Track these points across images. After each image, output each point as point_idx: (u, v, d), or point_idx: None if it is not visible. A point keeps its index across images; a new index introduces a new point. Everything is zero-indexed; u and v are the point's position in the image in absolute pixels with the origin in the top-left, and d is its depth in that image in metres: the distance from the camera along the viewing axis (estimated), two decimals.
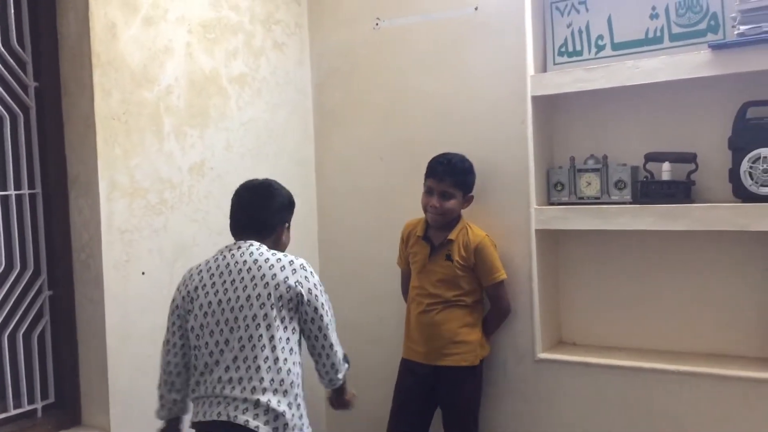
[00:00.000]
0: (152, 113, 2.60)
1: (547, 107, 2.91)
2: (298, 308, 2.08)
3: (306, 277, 2.10)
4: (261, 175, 3.01)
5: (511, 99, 2.83)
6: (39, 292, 2.48)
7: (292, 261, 2.10)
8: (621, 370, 2.68)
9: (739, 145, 2.47)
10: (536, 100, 2.81)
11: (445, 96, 3.01)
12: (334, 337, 2.15)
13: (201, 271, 2.15)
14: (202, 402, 2.07)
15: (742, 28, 2.38)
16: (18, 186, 2.42)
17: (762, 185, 2.41)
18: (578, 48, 2.85)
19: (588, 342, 2.94)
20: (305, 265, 2.13)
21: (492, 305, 2.87)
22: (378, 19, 3.17)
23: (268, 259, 2.09)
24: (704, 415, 2.55)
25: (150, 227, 2.58)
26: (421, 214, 2.91)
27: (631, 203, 2.68)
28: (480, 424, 2.86)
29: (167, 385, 2.19)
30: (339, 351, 2.18)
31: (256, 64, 3.06)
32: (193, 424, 2.11)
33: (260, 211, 2.20)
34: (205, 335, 2.08)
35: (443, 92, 3.01)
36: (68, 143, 2.51)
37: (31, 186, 2.46)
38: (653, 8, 2.70)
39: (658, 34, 2.70)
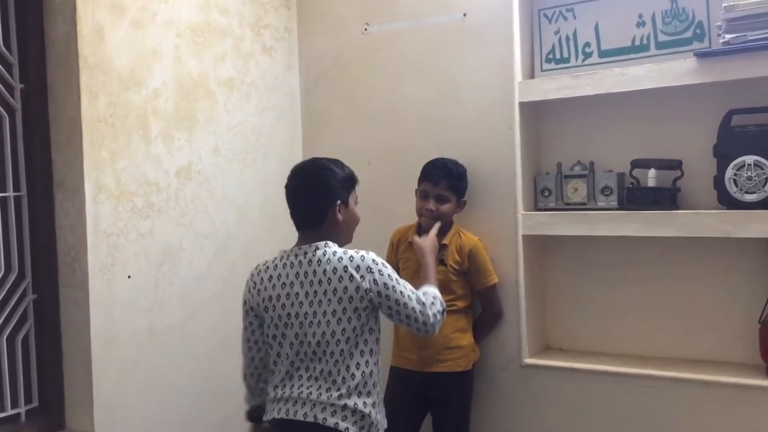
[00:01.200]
0: (139, 116, 2.59)
1: (535, 113, 2.93)
2: (378, 307, 2.07)
3: (375, 280, 2.03)
4: (248, 178, 3.05)
5: (499, 105, 2.85)
6: (23, 295, 2.46)
7: (358, 266, 2.03)
8: (607, 376, 2.69)
9: (723, 153, 2.49)
10: (524, 106, 2.83)
11: (433, 101, 3.02)
12: (413, 308, 2.05)
13: (272, 278, 2.12)
14: (284, 401, 2.08)
15: (728, 36, 2.41)
16: (3, 188, 2.41)
17: (746, 192, 2.43)
18: (565, 55, 2.87)
19: (574, 347, 2.95)
20: (371, 264, 2.04)
21: (484, 309, 2.88)
22: (367, 24, 3.18)
23: (335, 268, 2.03)
24: (689, 421, 2.56)
25: (136, 231, 2.57)
26: (409, 221, 2.91)
27: (617, 209, 2.69)
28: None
29: (254, 377, 2.24)
30: (420, 307, 2.05)
31: (245, 68, 3.06)
32: (274, 420, 2.09)
33: (304, 198, 2.13)
34: (285, 346, 2.10)
35: (431, 98, 3.02)
36: (54, 145, 2.49)
37: (17, 188, 2.44)
38: (640, 16, 2.73)
39: (645, 41, 2.72)
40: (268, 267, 2.15)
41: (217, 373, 2.84)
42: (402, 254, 2.91)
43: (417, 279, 2.79)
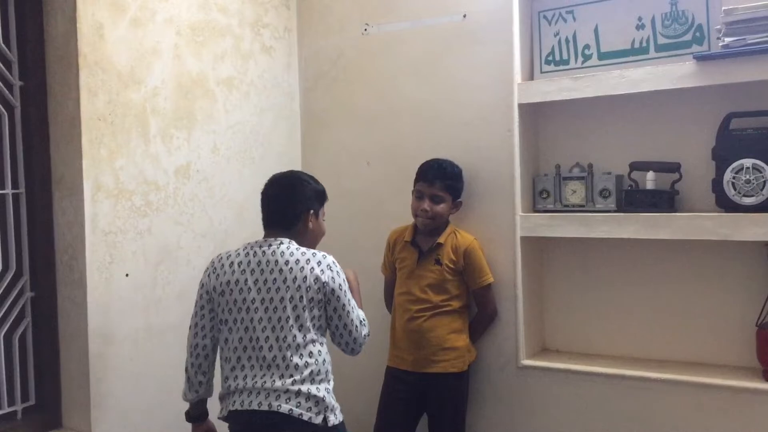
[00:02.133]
0: (138, 114, 2.59)
1: (534, 115, 2.93)
2: (326, 305, 2.16)
3: (333, 277, 2.15)
4: (247, 178, 3.05)
5: (498, 106, 2.85)
6: (21, 293, 2.46)
7: (320, 261, 2.15)
8: (603, 378, 2.69)
9: (722, 156, 2.49)
10: (523, 107, 2.83)
11: (432, 102, 3.02)
12: (352, 320, 2.18)
13: (232, 264, 2.17)
14: (238, 393, 2.10)
15: (727, 40, 2.41)
16: (2, 186, 2.40)
17: (745, 195, 2.43)
18: (565, 57, 2.87)
19: (571, 349, 2.95)
20: (332, 264, 2.18)
21: (479, 309, 2.88)
22: (367, 24, 3.18)
23: (298, 260, 2.13)
24: (686, 423, 2.56)
25: (134, 229, 2.57)
26: (406, 221, 2.91)
27: (615, 212, 2.69)
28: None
29: (194, 368, 2.22)
30: (357, 329, 2.19)
31: (244, 68, 3.06)
32: (229, 414, 2.11)
33: (282, 201, 2.24)
34: (238, 330, 2.13)
35: (431, 98, 3.02)
36: (53, 143, 2.49)
37: (15, 186, 2.44)
38: (639, 19, 2.73)
39: (644, 44, 2.73)
40: (230, 255, 2.21)
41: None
42: (398, 254, 2.91)
43: (411, 279, 2.84)
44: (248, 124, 3.08)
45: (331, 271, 2.16)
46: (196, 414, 2.30)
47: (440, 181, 2.78)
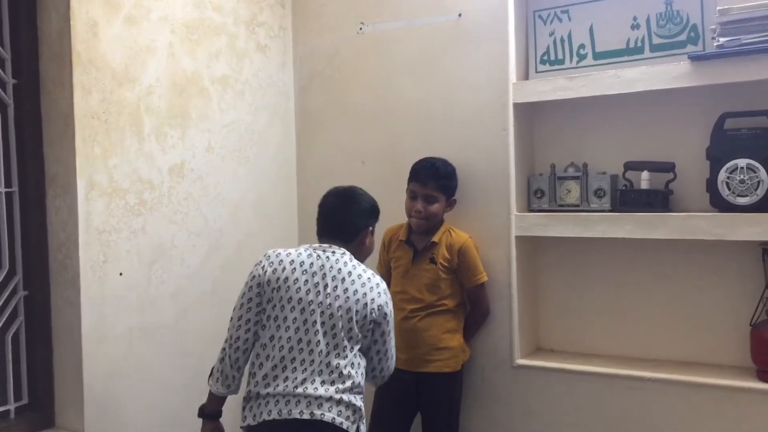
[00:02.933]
0: (132, 113, 2.58)
1: (529, 115, 2.93)
2: (374, 327, 2.20)
3: (387, 302, 2.22)
4: (241, 176, 3.05)
5: (493, 106, 2.85)
6: (14, 292, 2.45)
7: (378, 283, 2.21)
8: (598, 377, 2.70)
9: (716, 156, 2.50)
10: (518, 107, 2.83)
11: (427, 101, 3.02)
12: (392, 347, 2.27)
13: (293, 261, 2.16)
14: (276, 400, 2.05)
15: (722, 40, 2.41)
16: None
17: (739, 195, 2.44)
18: (560, 57, 2.87)
19: (566, 349, 2.95)
20: (387, 290, 2.24)
21: (472, 307, 2.89)
22: (362, 23, 3.17)
23: (360, 275, 2.18)
24: (679, 423, 2.57)
25: (128, 228, 2.56)
26: (402, 221, 2.91)
27: (610, 211, 2.70)
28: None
29: (231, 360, 2.17)
30: (392, 351, 2.28)
31: (239, 66, 3.05)
32: (264, 423, 2.05)
33: (345, 214, 2.29)
34: (288, 329, 2.10)
35: (426, 98, 3.02)
36: (47, 141, 2.48)
37: (8, 184, 2.43)
38: (634, 19, 2.73)
39: (639, 44, 2.73)
40: (289, 253, 2.20)
41: (208, 371, 2.82)
42: (393, 253, 2.91)
43: (407, 278, 2.83)
44: (243, 122, 3.07)
45: (387, 296, 2.22)
46: (213, 411, 2.26)
47: (434, 181, 2.78)
